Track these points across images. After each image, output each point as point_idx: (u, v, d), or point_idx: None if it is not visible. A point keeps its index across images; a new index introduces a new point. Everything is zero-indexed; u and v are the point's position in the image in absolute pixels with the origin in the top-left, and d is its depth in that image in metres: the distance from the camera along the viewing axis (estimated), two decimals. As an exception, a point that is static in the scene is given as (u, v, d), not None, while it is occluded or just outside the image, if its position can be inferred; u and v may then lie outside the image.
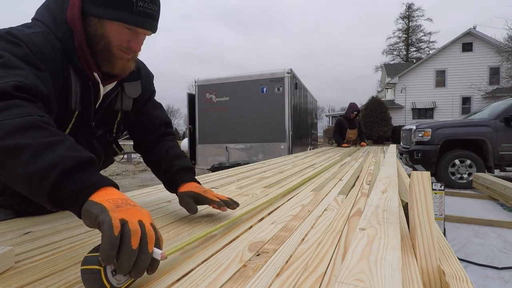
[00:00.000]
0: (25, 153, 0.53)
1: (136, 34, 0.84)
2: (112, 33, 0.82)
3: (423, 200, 0.67)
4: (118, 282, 0.47)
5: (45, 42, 0.78)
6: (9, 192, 0.93)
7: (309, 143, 9.75)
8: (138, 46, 0.87)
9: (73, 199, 0.53)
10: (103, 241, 0.46)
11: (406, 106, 22.08)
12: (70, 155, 0.55)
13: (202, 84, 7.44)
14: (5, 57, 0.69)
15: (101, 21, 0.81)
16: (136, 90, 1.06)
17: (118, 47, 0.84)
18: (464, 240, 2.79)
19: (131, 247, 0.47)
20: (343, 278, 0.44)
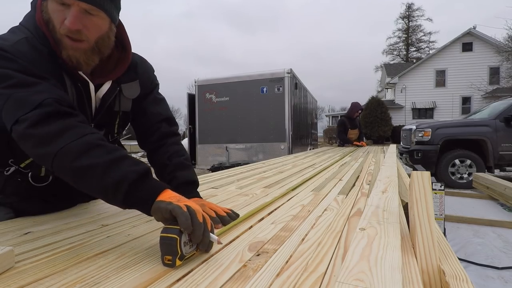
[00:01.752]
0: (97, 171, 0.66)
1: (69, 9, 0.74)
2: (52, 13, 0.76)
3: (423, 200, 0.67)
4: (186, 251, 0.61)
5: (28, 48, 0.76)
6: (9, 191, 0.93)
7: (309, 143, 9.75)
8: (71, 23, 0.74)
9: (144, 202, 0.67)
10: (179, 218, 0.61)
11: (406, 106, 22.07)
12: (133, 169, 0.67)
13: (202, 84, 7.44)
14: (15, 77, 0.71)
15: (45, 3, 0.77)
16: (135, 90, 1.01)
17: (60, 31, 0.76)
18: (464, 240, 2.79)
19: (198, 221, 0.62)
20: (343, 278, 0.44)
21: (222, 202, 1.19)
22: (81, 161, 0.66)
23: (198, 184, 1.03)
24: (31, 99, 0.70)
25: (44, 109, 0.69)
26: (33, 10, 0.81)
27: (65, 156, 0.67)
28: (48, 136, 0.68)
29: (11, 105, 0.70)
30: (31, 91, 0.71)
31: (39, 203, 0.97)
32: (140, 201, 0.67)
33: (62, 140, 0.67)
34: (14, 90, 0.71)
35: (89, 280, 0.55)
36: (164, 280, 0.55)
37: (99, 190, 0.68)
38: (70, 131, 0.69)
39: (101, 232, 0.82)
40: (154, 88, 1.09)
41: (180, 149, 1.07)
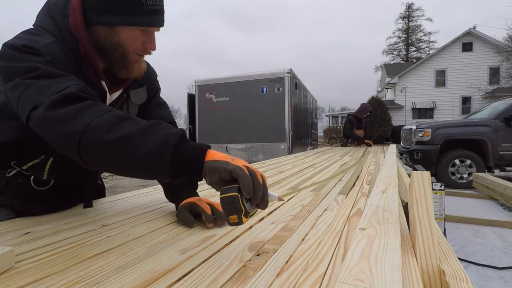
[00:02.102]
0: (135, 139, 0.60)
1: (149, 34, 0.83)
2: (127, 39, 0.81)
3: (423, 200, 0.67)
4: (249, 208, 0.60)
5: (60, 52, 0.77)
6: (10, 192, 0.93)
7: (309, 143, 9.75)
8: (154, 45, 0.86)
9: (193, 164, 0.61)
10: (242, 180, 0.58)
11: (406, 106, 22.08)
12: (173, 131, 0.62)
13: (202, 84, 7.44)
14: (41, 68, 0.69)
15: (114, 29, 0.79)
16: (142, 96, 1.03)
17: (134, 51, 0.83)
18: (464, 240, 2.79)
19: (259, 182, 0.60)
20: (343, 278, 0.44)
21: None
22: (114, 133, 0.61)
23: (197, 186, 1.04)
24: (54, 86, 0.66)
25: (66, 91, 0.65)
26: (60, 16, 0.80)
27: (95, 130, 0.61)
28: (71, 114, 0.63)
29: (31, 92, 0.67)
30: (55, 80, 0.68)
31: (40, 205, 0.97)
32: (189, 163, 0.61)
33: (87, 116, 0.62)
34: (37, 79, 0.68)
35: (89, 280, 0.55)
36: (164, 280, 0.55)
37: (140, 161, 0.61)
38: (94, 108, 0.64)
39: (101, 232, 0.82)
40: (157, 92, 1.11)
41: None
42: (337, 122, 31.36)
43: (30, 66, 0.69)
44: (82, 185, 1.03)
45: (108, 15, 0.78)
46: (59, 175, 0.94)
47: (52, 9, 0.82)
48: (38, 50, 0.72)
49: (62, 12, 0.80)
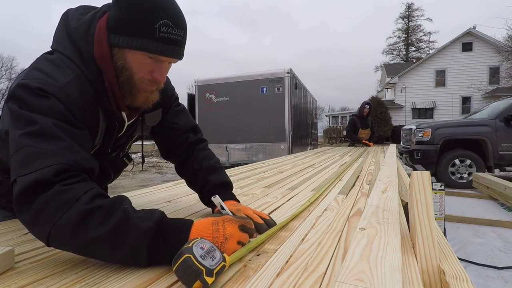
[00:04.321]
0: (104, 243, 0.57)
1: (159, 63, 0.76)
2: (134, 64, 0.74)
3: (423, 200, 0.67)
4: (210, 264, 0.51)
5: (79, 93, 0.71)
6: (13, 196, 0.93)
7: (309, 143, 9.75)
8: (163, 77, 0.78)
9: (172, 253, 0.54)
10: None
11: (406, 106, 22.07)
12: (146, 226, 0.59)
13: (202, 84, 7.44)
14: (39, 124, 0.62)
15: (121, 51, 0.73)
16: (157, 118, 0.99)
17: (141, 79, 0.76)
18: (464, 240, 2.79)
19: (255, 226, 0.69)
20: (343, 278, 0.44)
21: (222, 202, 1.19)
22: (82, 236, 0.56)
23: (232, 185, 1.02)
24: (37, 163, 0.60)
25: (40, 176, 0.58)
26: (83, 43, 0.74)
27: (61, 233, 0.57)
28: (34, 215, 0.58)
29: (18, 158, 0.61)
30: (44, 150, 0.61)
31: None
32: (170, 255, 0.54)
33: (51, 216, 0.57)
34: (30, 141, 0.62)
35: (89, 280, 0.55)
36: (164, 280, 0.55)
37: (116, 262, 0.60)
38: (59, 199, 0.57)
39: (101, 232, 0.82)
40: (174, 101, 1.06)
41: (209, 153, 1.06)
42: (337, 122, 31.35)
43: (31, 120, 0.63)
44: None
45: (118, 35, 0.72)
46: None
47: (73, 34, 0.75)
48: (51, 95, 0.66)
49: (85, 39, 0.74)
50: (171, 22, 0.71)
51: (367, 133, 6.39)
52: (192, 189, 1.05)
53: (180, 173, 1.07)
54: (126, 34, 0.71)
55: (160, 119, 1.01)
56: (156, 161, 11.06)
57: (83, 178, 0.63)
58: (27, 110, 0.64)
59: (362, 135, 6.35)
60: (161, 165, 10.11)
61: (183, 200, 1.25)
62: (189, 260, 0.49)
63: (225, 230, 0.64)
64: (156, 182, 7.03)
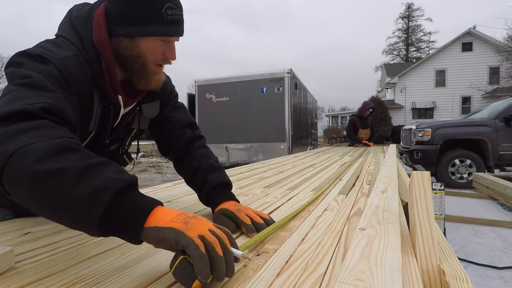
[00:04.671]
0: (67, 177, 0.49)
1: (169, 43, 0.83)
2: (148, 50, 0.80)
3: (423, 200, 0.67)
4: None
5: (78, 69, 0.75)
6: None
7: (309, 143, 9.75)
8: (174, 55, 0.85)
9: (131, 221, 0.50)
10: (196, 262, 0.47)
11: (406, 106, 22.08)
12: (118, 177, 0.51)
13: (202, 84, 7.44)
14: (33, 77, 0.64)
15: (134, 40, 0.79)
16: (154, 110, 1.01)
17: (154, 62, 0.82)
18: (464, 240, 2.79)
19: (218, 256, 0.49)
20: (343, 278, 0.44)
21: (222, 202, 1.19)
22: (47, 164, 0.49)
23: (231, 185, 1.01)
24: (27, 100, 0.58)
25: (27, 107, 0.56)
26: (83, 29, 0.79)
27: (27, 155, 0.50)
28: (10, 132, 0.52)
29: (4, 99, 0.60)
30: (37, 94, 0.61)
31: None
32: (125, 222, 0.49)
33: (27, 139, 0.51)
34: (22, 87, 0.62)
35: (89, 280, 0.55)
36: (164, 280, 0.55)
37: (66, 206, 0.49)
38: (43, 130, 0.54)
39: (101, 232, 0.82)
40: (174, 98, 1.08)
41: (207, 152, 1.06)
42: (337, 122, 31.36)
43: (26, 75, 0.65)
44: None
45: (128, 26, 0.77)
46: None
47: (74, 22, 0.80)
48: (49, 61, 0.69)
49: (85, 26, 0.79)
50: (173, 4, 0.78)
51: (367, 133, 6.39)
52: (191, 187, 1.04)
53: (179, 171, 1.07)
54: (137, 24, 0.77)
55: (160, 112, 1.03)
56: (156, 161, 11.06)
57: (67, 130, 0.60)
58: (24, 69, 0.66)
59: (362, 135, 6.35)
60: (161, 165, 10.11)
61: (183, 200, 1.25)
62: (184, 262, 0.48)
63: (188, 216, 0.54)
64: (156, 182, 7.03)
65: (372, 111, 6.38)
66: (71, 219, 0.50)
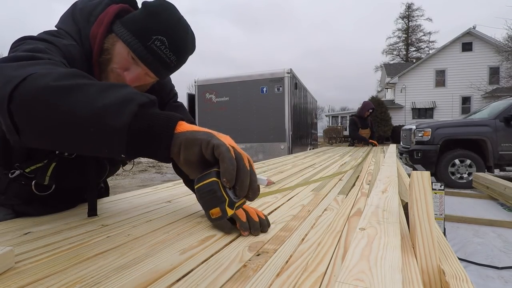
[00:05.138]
0: (91, 89, 0.46)
1: (136, 67, 0.79)
2: (117, 53, 0.79)
3: (423, 200, 0.67)
4: (234, 196, 0.48)
5: (79, 57, 0.75)
6: (11, 193, 0.93)
7: (309, 143, 9.75)
8: (130, 79, 0.79)
9: (160, 127, 0.46)
10: (225, 162, 0.45)
11: (406, 106, 22.08)
12: (140, 93, 0.50)
13: (202, 84, 7.44)
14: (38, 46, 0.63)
15: (116, 39, 0.79)
16: None
17: (112, 69, 0.80)
18: (464, 240, 2.79)
19: (245, 166, 0.48)
20: (343, 278, 0.44)
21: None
22: (67, 81, 0.47)
23: None
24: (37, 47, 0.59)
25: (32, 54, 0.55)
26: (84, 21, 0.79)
27: (42, 77, 0.47)
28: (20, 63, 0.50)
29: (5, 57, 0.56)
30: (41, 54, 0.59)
31: (40, 207, 0.97)
32: (156, 128, 0.46)
33: (40, 67, 0.49)
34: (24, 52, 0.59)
35: (89, 280, 0.55)
36: (164, 280, 0.55)
37: (91, 117, 0.44)
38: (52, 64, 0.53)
39: (101, 232, 0.82)
40: (173, 97, 1.07)
41: None
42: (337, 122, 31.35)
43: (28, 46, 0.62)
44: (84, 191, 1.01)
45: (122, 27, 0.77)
46: (60, 181, 0.93)
47: (77, 13, 0.80)
48: (54, 44, 0.69)
49: (87, 18, 0.79)
50: (167, 43, 0.76)
51: (367, 133, 6.40)
52: (189, 188, 1.04)
53: (177, 171, 1.06)
54: (128, 29, 0.77)
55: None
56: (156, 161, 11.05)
57: None
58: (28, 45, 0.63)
59: (362, 135, 6.35)
60: (161, 165, 10.11)
61: (183, 200, 1.25)
62: (215, 185, 0.46)
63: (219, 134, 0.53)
64: (156, 182, 7.03)
65: (372, 112, 6.38)
66: (97, 132, 0.45)
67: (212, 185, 0.46)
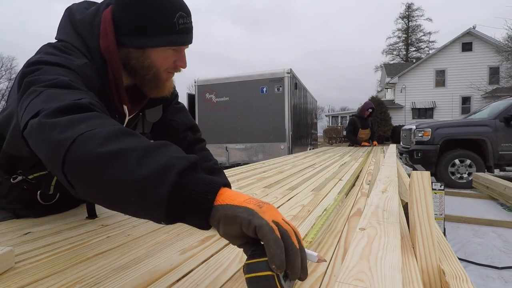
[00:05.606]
0: (132, 156, 0.47)
1: (179, 52, 0.82)
2: (159, 60, 0.79)
3: (423, 200, 0.67)
4: (288, 285, 0.43)
5: (95, 75, 0.73)
6: (12, 197, 0.92)
7: (309, 143, 9.75)
8: (185, 63, 0.85)
9: (200, 199, 0.45)
10: (271, 246, 0.41)
11: (406, 106, 22.08)
12: (181, 155, 0.48)
13: (202, 84, 7.44)
14: (59, 78, 0.61)
15: (146, 51, 0.78)
16: (157, 115, 1.01)
17: (166, 71, 0.82)
18: (464, 240, 2.79)
19: (294, 247, 0.43)
20: (343, 278, 0.44)
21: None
22: (110, 146, 0.48)
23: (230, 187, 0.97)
24: (67, 96, 0.57)
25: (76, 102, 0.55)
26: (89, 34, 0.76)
27: (89, 140, 0.48)
28: (67, 122, 0.51)
29: (39, 99, 0.57)
30: (70, 91, 0.60)
31: (41, 211, 0.97)
32: (195, 200, 0.45)
33: (85, 126, 0.50)
34: (52, 88, 0.59)
35: (89, 280, 0.55)
36: (164, 280, 0.55)
37: (132, 186, 0.46)
38: (97, 120, 0.53)
39: (101, 232, 0.82)
40: (174, 99, 1.08)
41: (207, 154, 1.06)
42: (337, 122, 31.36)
43: (48, 77, 0.61)
44: None
45: (140, 38, 0.76)
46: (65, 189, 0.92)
47: (78, 25, 0.77)
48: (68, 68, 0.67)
49: (91, 31, 0.76)
50: (184, 13, 0.77)
51: (367, 133, 6.39)
52: None
53: None
54: (150, 35, 0.75)
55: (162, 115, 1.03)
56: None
57: None
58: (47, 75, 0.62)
59: (362, 135, 6.35)
60: (161, 165, 10.10)
61: (183, 200, 1.25)
62: (272, 280, 0.41)
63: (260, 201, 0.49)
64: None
65: (372, 112, 6.37)
66: (137, 202, 0.46)
67: (268, 280, 0.41)
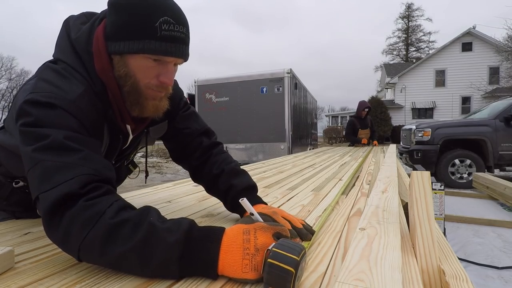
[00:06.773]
0: (133, 259, 0.54)
1: (164, 65, 0.70)
2: (138, 70, 0.69)
3: (423, 200, 0.67)
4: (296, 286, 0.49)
5: (90, 107, 0.68)
6: (13, 200, 0.92)
7: (309, 143, 9.75)
8: (170, 80, 0.72)
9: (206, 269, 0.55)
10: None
11: (406, 106, 22.07)
12: (174, 239, 0.54)
13: (202, 84, 7.44)
14: (51, 137, 0.59)
15: (123, 58, 0.69)
16: (162, 130, 0.95)
17: (147, 85, 0.71)
18: (464, 240, 2.79)
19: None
20: (343, 278, 0.44)
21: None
22: (110, 252, 0.54)
23: (257, 188, 0.94)
24: (57, 177, 0.57)
25: (64, 191, 0.56)
26: (85, 54, 0.71)
27: (90, 250, 0.55)
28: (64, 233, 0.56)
29: (36, 175, 0.59)
30: (63, 162, 0.59)
31: None
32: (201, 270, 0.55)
33: (79, 231, 0.55)
34: (44, 155, 0.59)
35: (89, 280, 0.55)
36: (164, 280, 0.55)
37: (148, 276, 0.56)
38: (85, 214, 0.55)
39: (101, 232, 0.82)
40: (183, 107, 1.00)
41: (227, 156, 1.00)
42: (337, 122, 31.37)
43: (42, 134, 0.60)
44: None
45: (117, 41, 0.67)
46: None
47: (75, 44, 0.72)
48: (62, 109, 0.63)
49: (86, 50, 0.71)
50: (171, 19, 0.66)
51: (366, 133, 6.39)
52: (213, 195, 0.98)
53: (198, 180, 1.01)
54: (126, 39, 0.66)
55: (170, 126, 0.97)
56: (156, 161, 11.06)
57: (107, 190, 0.61)
58: (37, 126, 0.61)
59: (362, 135, 6.34)
60: (161, 165, 10.11)
61: (183, 200, 1.25)
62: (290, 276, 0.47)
63: (257, 240, 0.55)
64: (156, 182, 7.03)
65: (368, 110, 6.38)
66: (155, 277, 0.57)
67: (287, 275, 0.47)
